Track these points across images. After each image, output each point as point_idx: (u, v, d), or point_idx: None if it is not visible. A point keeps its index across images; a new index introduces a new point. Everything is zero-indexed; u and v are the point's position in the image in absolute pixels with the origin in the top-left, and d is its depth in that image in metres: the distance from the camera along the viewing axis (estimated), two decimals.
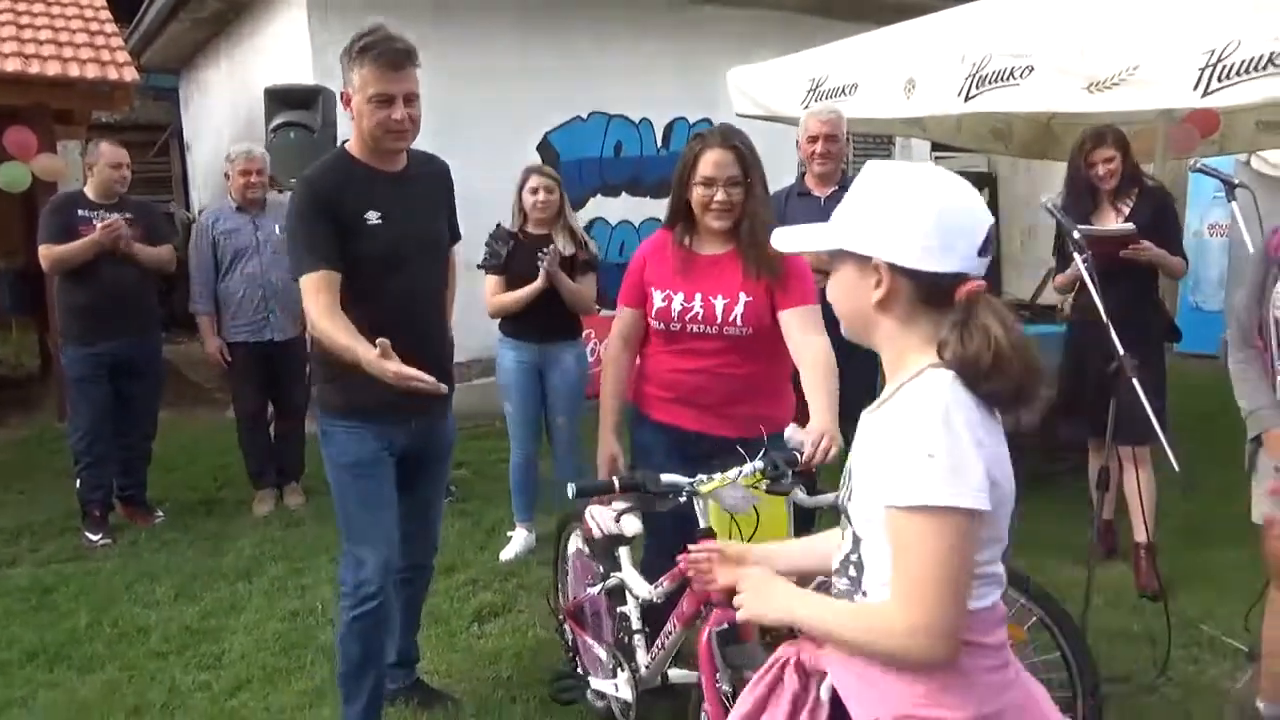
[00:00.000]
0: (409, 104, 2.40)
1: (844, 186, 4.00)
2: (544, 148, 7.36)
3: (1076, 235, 2.80)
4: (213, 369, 5.07)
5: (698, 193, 2.59)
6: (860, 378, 4.03)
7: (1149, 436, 3.61)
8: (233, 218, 4.88)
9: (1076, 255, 2.82)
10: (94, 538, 4.57)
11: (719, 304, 2.61)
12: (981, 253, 1.32)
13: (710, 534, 2.13)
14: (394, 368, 2.22)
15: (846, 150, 4.08)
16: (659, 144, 8.00)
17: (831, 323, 1.72)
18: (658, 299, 2.68)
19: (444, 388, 2.30)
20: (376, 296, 2.48)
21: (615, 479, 2.07)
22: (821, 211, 3.93)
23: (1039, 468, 5.52)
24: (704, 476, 2.12)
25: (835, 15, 7.83)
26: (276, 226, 4.79)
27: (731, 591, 1.66)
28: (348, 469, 2.60)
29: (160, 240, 4.91)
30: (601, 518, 2.60)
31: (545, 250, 4.00)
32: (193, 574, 4.17)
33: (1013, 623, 2.51)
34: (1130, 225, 3.78)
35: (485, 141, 6.44)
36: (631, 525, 2.38)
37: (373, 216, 2.48)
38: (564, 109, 7.53)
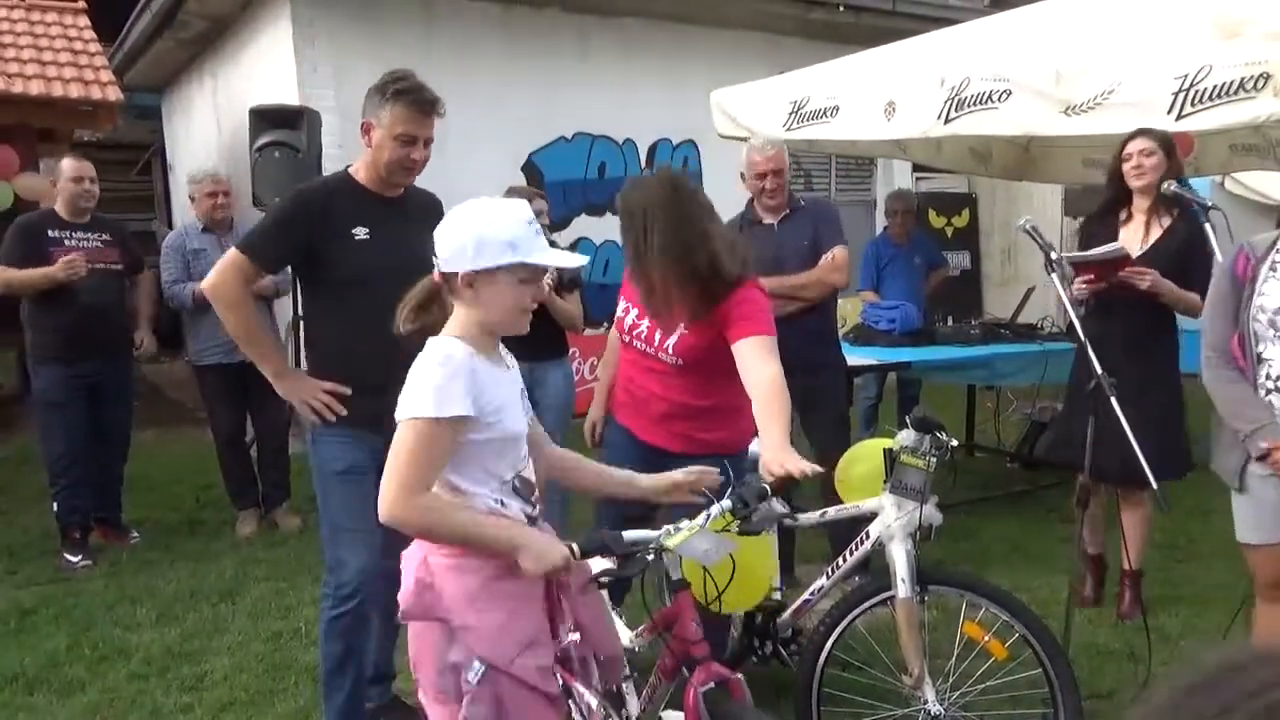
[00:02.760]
0: (425, 146, 2.67)
1: (794, 209, 4.02)
2: (528, 168, 7.40)
3: (1054, 256, 2.84)
4: (191, 386, 5.01)
5: None
6: (831, 397, 4.11)
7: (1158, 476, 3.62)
8: (199, 238, 4.87)
9: (1054, 277, 2.86)
10: (73, 560, 4.53)
11: (657, 330, 2.71)
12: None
13: (684, 585, 2.04)
14: (289, 382, 2.70)
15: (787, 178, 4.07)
16: (642, 165, 8.06)
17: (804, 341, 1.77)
18: (620, 308, 2.85)
19: (347, 390, 2.66)
20: (354, 312, 2.62)
21: (576, 546, 1.84)
22: (775, 237, 3.95)
23: (1024, 483, 5.58)
24: (670, 528, 1.98)
25: (818, 38, 7.93)
26: None
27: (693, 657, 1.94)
28: (337, 475, 2.70)
29: (137, 262, 4.89)
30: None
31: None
32: (174, 595, 4.14)
33: (995, 639, 2.55)
34: (1120, 247, 3.56)
35: (470, 162, 6.46)
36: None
37: (360, 232, 2.66)
38: (548, 130, 7.59)
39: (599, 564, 2.01)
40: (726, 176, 8.41)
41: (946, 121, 4.45)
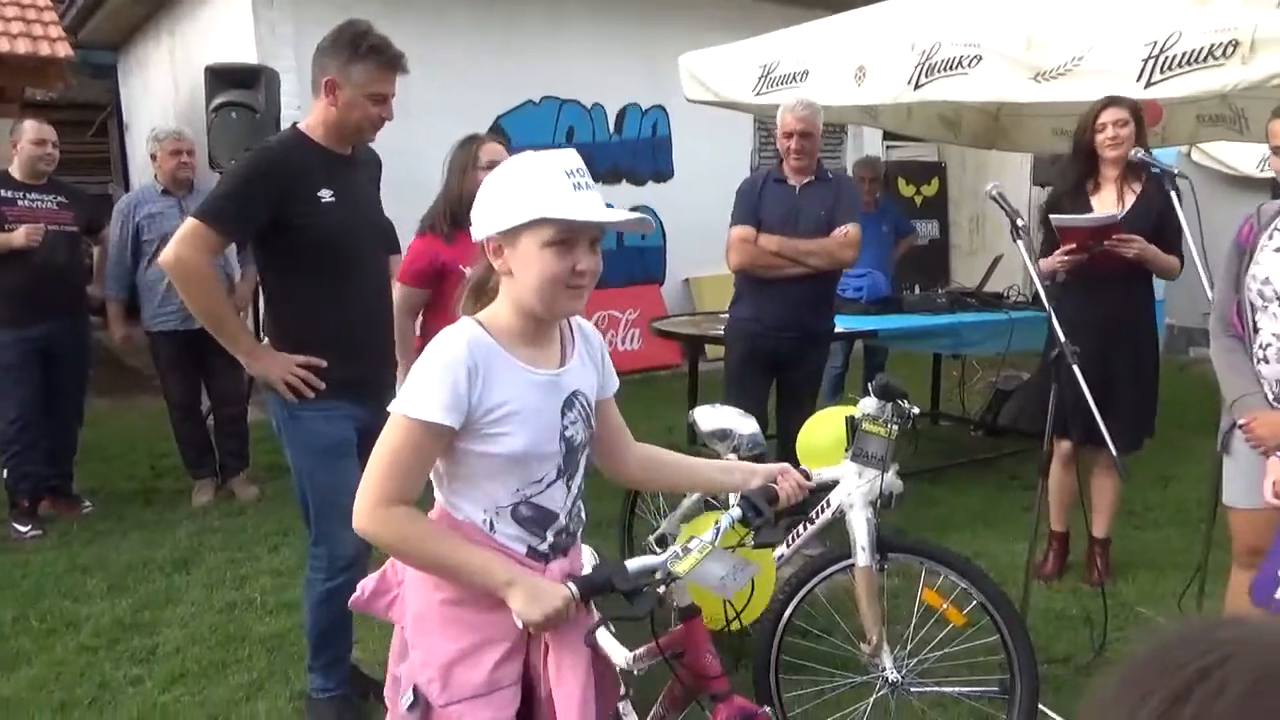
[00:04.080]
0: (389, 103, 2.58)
1: (820, 177, 3.94)
2: (495, 132, 7.26)
3: (1020, 223, 2.81)
4: (144, 355, 4.88)
5: None
6: (815, 366, 4.10)
7: (1134, 442, 3.64)
8: (158, 200, 4.72)
9: (1020, 244, 2.83)
10: (22, 529, 4.42)
11: None
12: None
13: (694, 612, 1.74)
14: (281, 361, 2.54)
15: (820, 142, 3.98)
16: (611, 130, 7.95)
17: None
18: None
19: (322, 363, 2.57)
20: (326, 278, 2.56)
21: (575, 587, 1.53)
22: (796, 199, 3.90)
23: (987, 451, 5.61)
24: (677, 550, 1.67)
25: (790, 1, 7.82)
26: None
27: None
28: (320, 455, 2.63)
29: (97, 226, 4.77)
30: None
31: None
32: (127, 566, 4.05)
33: (953, 606, 2.54)
34: (1112, 214, 3.50)
35: (436, 126, 6.31)
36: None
37: (327, 194, 2.56)
38: (516, 93, 7.45)
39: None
40: (695, 141, 8.38)
41: (917, 87, 4.40)
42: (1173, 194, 3.24)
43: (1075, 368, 2.75)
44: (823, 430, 2.78)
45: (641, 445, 1.86)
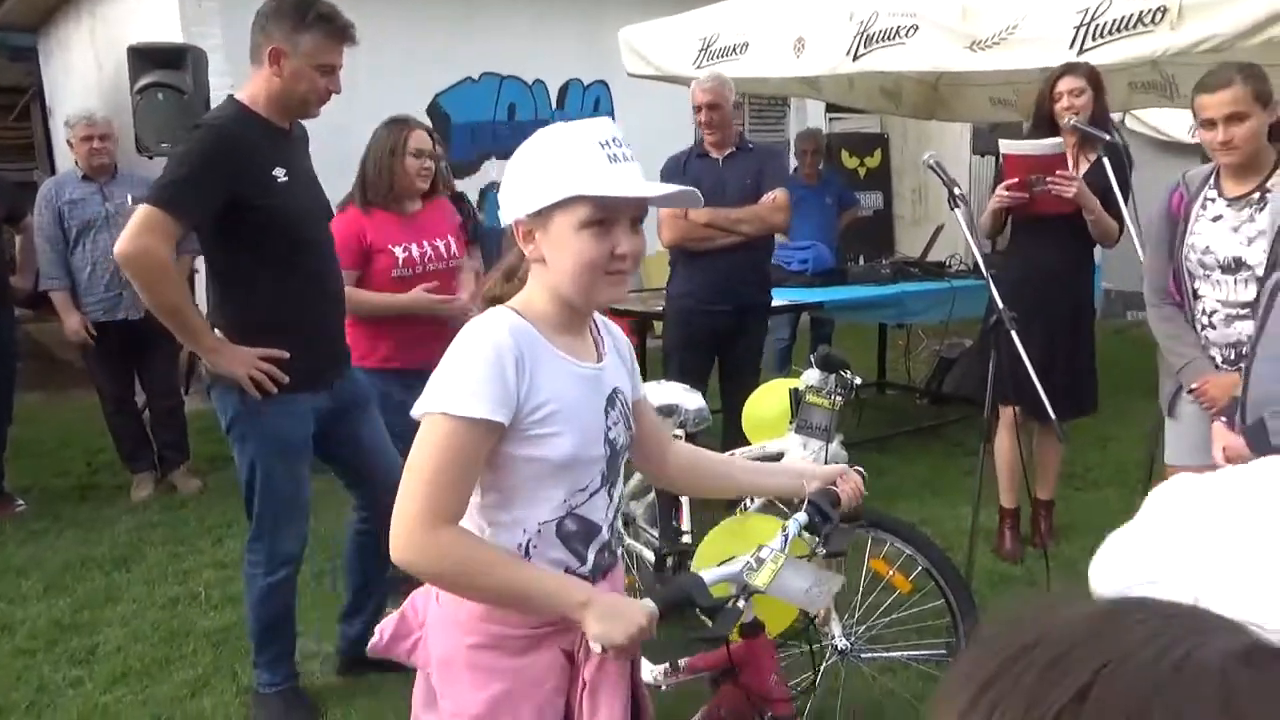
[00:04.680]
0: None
1: (741, 148, 3.98)
2: (434, 110, 7.14)
3: (956, 192, 2.83)
4: (76, 349, 4.73)
5: None
6: (755, 337, 4.12)
7: (1077, 408, 3.68)
8: (79, 187, 4.53)
9: (957, 213, 2.84)
10: None
11: None
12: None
13: (759, 628, 1.61)
14: (242, 354, 2.44)
15: (736, 112, 4.01)
16: (553, 106, 7.85)
17: None
18: None
19: (285, 355, 2.48)
20: (285, 263, 2.47)
21: (654, 604, 1.35)
22: (720, 171, 3.90)
23: (933, 419, 5.69)
24: (750, 560, 1.49)
25: None
26: (130, 196, 4.49)
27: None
28: (279, 454, 2.57)
29: (18, 214, 4.59)
30: None
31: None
32: (64, 565, 3.93)
33: (899, 573, 2.57)
34: (1058, 141, 3.43)
35: (371, 104, 6.17)
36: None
37: (280, 173, 2.45)
38: (453, 70, 7.31)
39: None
40: (639, 117, 8.29)
41: (855, 58, 4.41)
42: (1108, 162, 3.28)
43: (1014, 334, 2.78)
44: (767, 403, 2.79)
45: (682, 446, 1.73)
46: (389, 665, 2.88)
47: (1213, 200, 2.67)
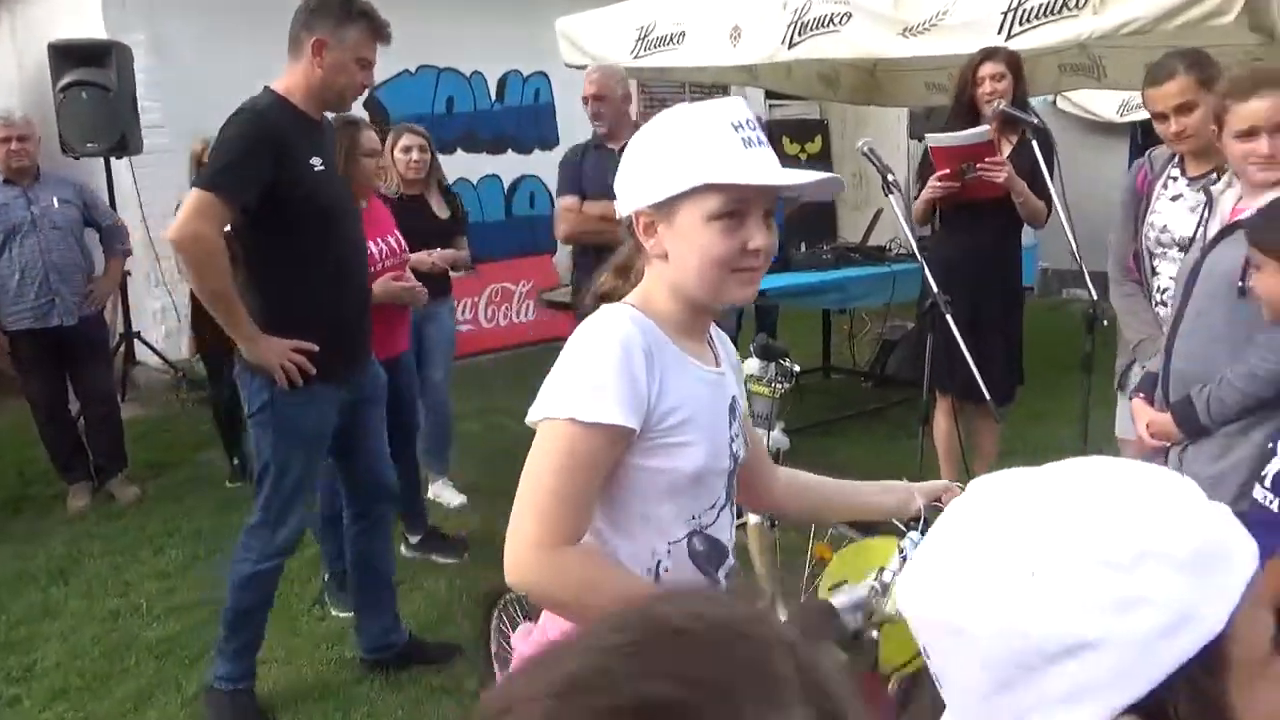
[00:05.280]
0: None
1: None
2: (371, 105, 7.02)
3: (891, 178, 2.87)
4: (5, 357, 4.59)
5: None
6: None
7: (1010, 393, 3.75)
8: (1, 191, 4.40)
9: (892, 199, 2.88)
10: None
11: None
12: None
13: (872, 664, 1.39)
14: (279, 345, 2.47)
15: (624, 105, 3.99)
16: (493, 98, 7.78)
17: None
18: None
19: (314, 347, 2.51)
20: (324, 253, 2.51)
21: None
22: (616, 164, 3.86)
23: (877, 401, 5.77)
24: (875, 585, 1.34)
25: None
26: (55, 199, 4.35)
27: None
28: (300, 445, 2.61)
29: None
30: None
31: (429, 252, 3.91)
32: None
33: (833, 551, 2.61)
34: (985, 128, 3.46)
35: None
36: None
37: (317, 163, 2.51)
38: (390, 63, 7.18)
39: None
40: (579, 108, 8.25)
41: (791, 46, 4.44)
42: (1035, 144, 3.35)
43: (949, 317, 2.83)
44: None
45: (782, 468, 1.61)
46: (422, 658, 2.98)
47: (1174, 179, 2.73)
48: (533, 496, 1.18)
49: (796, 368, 2.61)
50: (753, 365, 2.60)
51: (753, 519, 2.56)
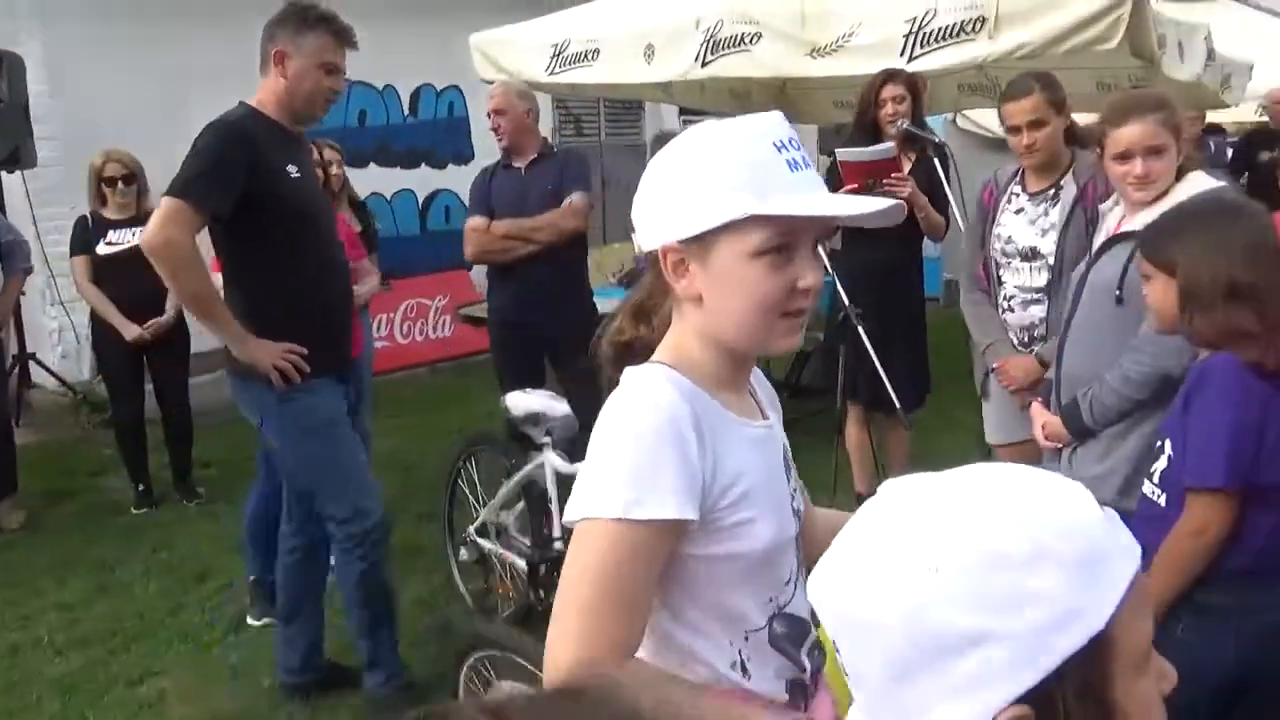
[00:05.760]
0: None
1: (544, 154, 3.94)
2: None
3: None
4: None
5: None
6: (578, 344, 4.09)
7: (918, 399, 3.88)
8: None
9: None
10: None
11: None
12: None
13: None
14: (270, 347, 2.50)
15: (526, 120, 3.92)
16: (405, 112, 7.71)
17: None
18: None
19: (304, 350, 2.53)
20: (303, 256, 2.56)
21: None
22: (523, 180, 3.89)
23: (793, 412, 5.89)
24: None
25: None
26: None
27: None
28: (321, 429, 2.61)
29: None
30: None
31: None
32: None
33: None
34: (891, 145, 3.58)
35: (208, 110, 5.92)
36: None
37: (292, 169, 2.56)
38: None
39: None
40: None
41: (704, 64, 4.52)
42: (935, 161, 3.50)
43: (860, 329, 2.93)
44: None
45: (825, 515, 1.42)
46: (340, 682, 2.93)
47: (1017, 194, 2.93)
48: (574, 608, 1.02)
49: None
50: None
51: None
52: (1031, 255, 2.87)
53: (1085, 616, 0.64)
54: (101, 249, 4.44)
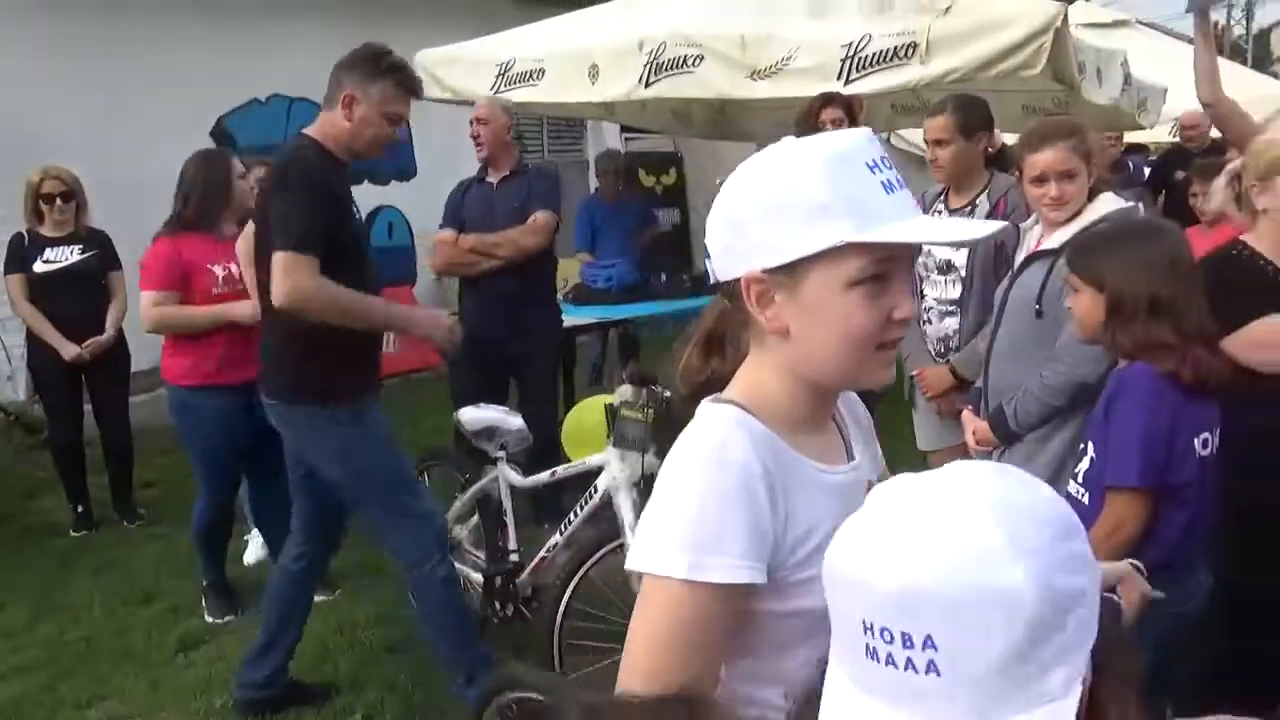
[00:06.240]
0: None
1: (516, 170, 4.02)
2: (218, 133, 6.81)
3: None
4: None
5: None
6: (542, 358, 4.08)
7: (870, 401, 4.03)
8: None
9: None
10: None
11: None
12: None
13: None
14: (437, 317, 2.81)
15: (504, 134, 4.05)
16: None
17: None
18: None
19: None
20: (362, 280, 2.61)
21: None
22: (493, 195, 3.98)
23: None
24: None
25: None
26: None
27: None
28: (385, 441, 2.69)
29: None
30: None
31: None
32: None
33: None
34: None
35: (152, 128, 5.86)
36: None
37: (354, 209, 2.72)
38: (239, 91, 7.02)
39: None
40: (438, 138, 8.27)
41: (647, 85, 4.64)
42: None
43: None
44: (585, 419, 2.91)
45: None
46: (299, 699, 2.93)
47: (940, 211, 3.10)
48: (638, 668, 0.98)
49: (668, 393, 2.74)
50: (625, 391, 2.72)
51: (629, 541, 2.67)
52: (947, 268, 3.04)
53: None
54: (39, 267, 4.36)
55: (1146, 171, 7.21)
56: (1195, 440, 1.84)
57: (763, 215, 0.98)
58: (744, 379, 1.07)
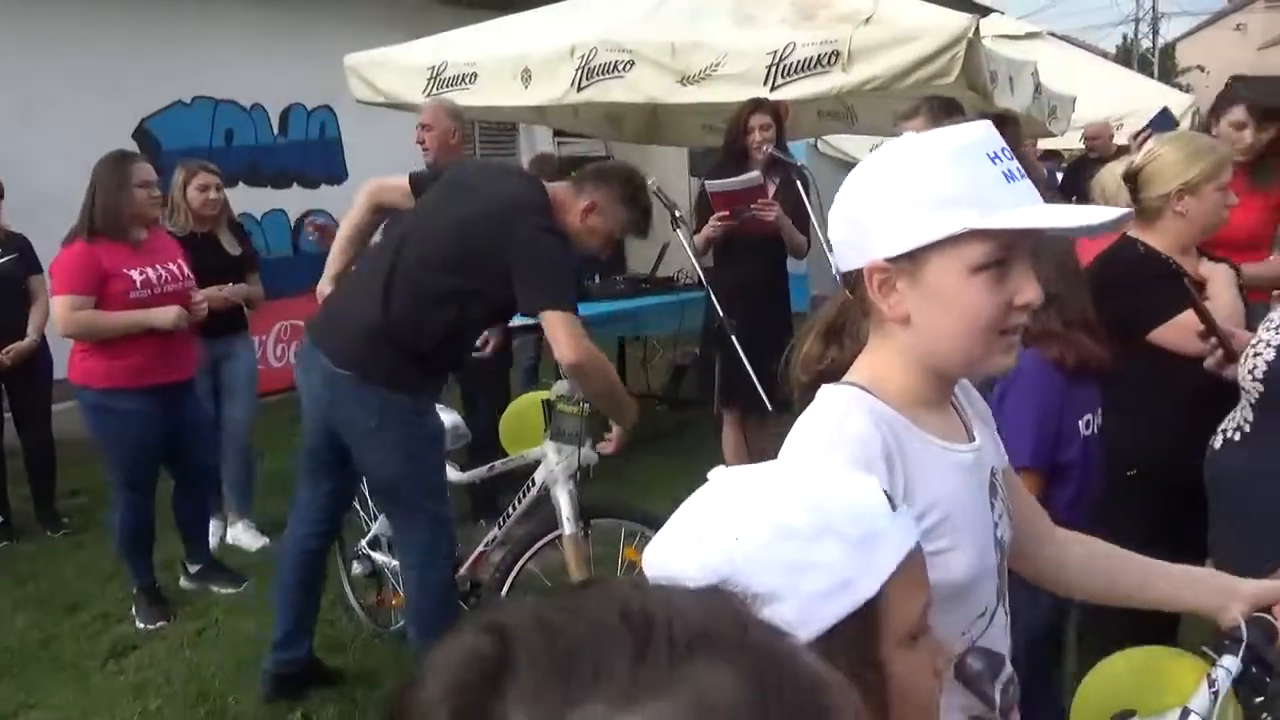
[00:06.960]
0: None
1: None
2: (140, 135, 6.67)
3: (678, 214, 3.16)
4: None
5: None
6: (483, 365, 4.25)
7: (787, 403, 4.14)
8: None
9: (679, 233, 3.18)
10: None
11: None
12: None
13: None
14: None
15: (447, 139, 4.09)
16: (275, 131, 7.60)
17: None
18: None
19: None
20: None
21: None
22: None
23: (673, 423, 6.11)
24: None
25: (460, 2, 7.89)
26: None
27: None
28: (439, 442, 2.74)
29: None
30: None
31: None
32: None
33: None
34: (756, 174, 3.84)
35: (67, 131, 5.72)
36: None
37: None
38: (163, 93, 6.88)
39: None
40: (369, 141, 8.24)
41: (579, 89, 4.71)
42: (799, 184, 3.79)
43: (733, 337, 3.15)
44: (522, 415, 2.97)
45: (1071, 535, 1.30)
46: (324, 680, 2.97)
47: None
48: None
49: None
50: (561, 387, 2.79)
51: (567, 531, 2.74)
52: None
53: (855, 588, 0.74)
54: None
55: (1059, 178, 7.54)
56: (1079, 421, 1.99)
57: (887, 206, 1.01)
58: (864, 364, 1.10)
